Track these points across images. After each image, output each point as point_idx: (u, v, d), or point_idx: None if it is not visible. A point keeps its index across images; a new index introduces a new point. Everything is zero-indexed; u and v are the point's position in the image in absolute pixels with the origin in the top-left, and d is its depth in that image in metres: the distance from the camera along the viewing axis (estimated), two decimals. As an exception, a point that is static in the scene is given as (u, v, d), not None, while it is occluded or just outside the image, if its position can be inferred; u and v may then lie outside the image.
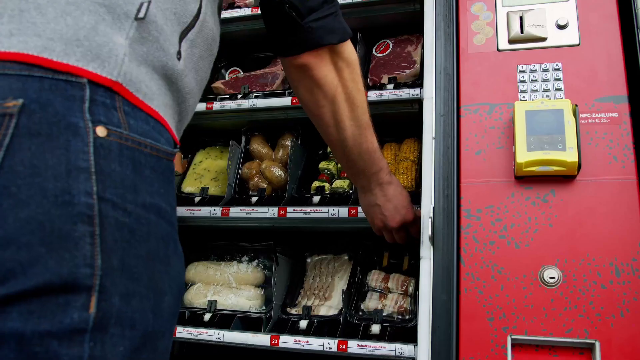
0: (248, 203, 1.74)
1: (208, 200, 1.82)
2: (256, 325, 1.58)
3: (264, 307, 1.64)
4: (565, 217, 1.13)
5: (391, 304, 1.50)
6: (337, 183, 1.72)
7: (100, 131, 0.64)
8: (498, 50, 1.28)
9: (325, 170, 1.82)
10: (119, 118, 0.66)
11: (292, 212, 1.60)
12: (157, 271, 0.68)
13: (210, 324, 1.59)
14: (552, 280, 1.09)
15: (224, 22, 1.90)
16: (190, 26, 0.81)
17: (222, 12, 1.89)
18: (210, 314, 1.61)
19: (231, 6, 1.93)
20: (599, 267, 1.08)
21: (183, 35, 0.79)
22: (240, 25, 1.88)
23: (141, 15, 0.72)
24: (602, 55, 1.22)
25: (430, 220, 1.20)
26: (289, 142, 1.83)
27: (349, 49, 1.06)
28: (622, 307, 1.05)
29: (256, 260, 1.74)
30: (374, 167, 1.20)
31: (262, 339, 1.47)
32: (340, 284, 1.63)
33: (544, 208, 1.14)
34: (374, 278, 1.58)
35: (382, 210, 1.26)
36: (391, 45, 1.79)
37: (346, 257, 1.72)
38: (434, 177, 1.25)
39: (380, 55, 1.79)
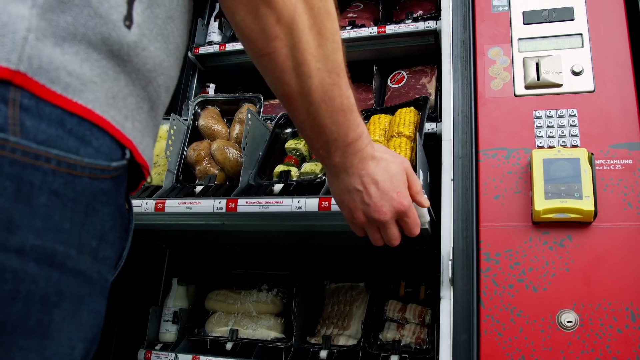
0: (191, 194, 1.39)
1: (141, 191, 1.48)
2: (277, 355, 1.62)
3: (283, 336, 1.69)
4: (582, 262, 1.17)
5: (409, 334, 1.55)
6: (307, 167, 1.36)
7: None
8: (515, 95, 1.32)
9: (294, 151, 1.44)
10: (6, 117, 0.46)
11: (245, 205, 1.28)
12: (15, 349, 0.48)
13: (232, 354, 1.64)
14: (569, 324, 1.13)
15: (242, 52, 1.95)
16: None
17: (239, 42, 1.94)
18: (232, 343, 1.66)
19: (248, 37, 1.97)
20: (615, 312, 1.12)
21: None
22: (257, 55, 1.92)
23: None
24: (616, 102, 1.26)
25: (450, 262, 1.25)
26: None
27: None
28: (638, 352, 1.09)
29: (275, 289, 1.78)
30: (350, 133, 0.82)
31: (284, 370, 1.52)
32: (358, 313, 1.67)
33: (561, 253, 1.18)
34: (392, 308, 1.62)
35: (364, 197, 0.89)
36: (406, 76, 1.83)
37: (363, 285, 1.77)
38: (453, 219, 1.28)
39: (395, 86, 1.83)
